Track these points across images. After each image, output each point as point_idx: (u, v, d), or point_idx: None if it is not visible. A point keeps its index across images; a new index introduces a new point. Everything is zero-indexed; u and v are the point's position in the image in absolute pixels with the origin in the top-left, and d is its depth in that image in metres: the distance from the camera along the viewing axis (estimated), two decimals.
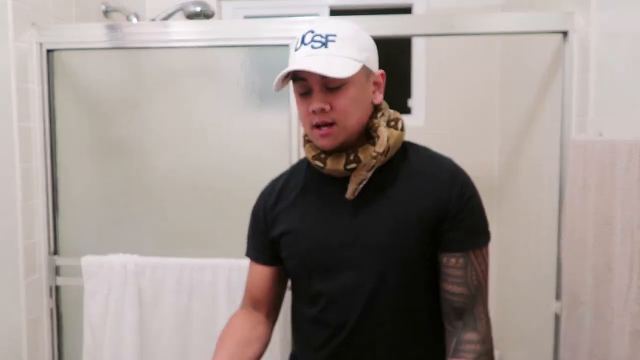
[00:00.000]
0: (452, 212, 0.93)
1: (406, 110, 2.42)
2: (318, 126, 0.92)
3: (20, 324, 1.57)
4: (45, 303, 1.66)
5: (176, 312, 1.58)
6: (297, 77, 0.91)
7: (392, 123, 0.98)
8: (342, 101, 0.90)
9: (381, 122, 0.96)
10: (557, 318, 1.49)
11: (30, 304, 1.59)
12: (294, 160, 1.53)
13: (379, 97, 0.98)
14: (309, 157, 0.99)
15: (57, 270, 1.66)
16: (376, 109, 0.98)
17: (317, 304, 0.99)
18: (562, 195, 1.49)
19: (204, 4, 1.94)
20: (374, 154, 0.93)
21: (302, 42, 0.92)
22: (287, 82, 0.94)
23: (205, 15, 1.95)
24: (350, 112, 0.91)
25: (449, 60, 2.31)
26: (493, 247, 2.35)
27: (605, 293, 1.13)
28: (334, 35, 0.90)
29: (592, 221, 1.19)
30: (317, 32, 0.91)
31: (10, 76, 1.52)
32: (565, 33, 1.47)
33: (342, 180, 0.95)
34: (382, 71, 0.98)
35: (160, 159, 1.72)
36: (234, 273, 1.55)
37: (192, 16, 1.94)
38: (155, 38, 1.61)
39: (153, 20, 1.97)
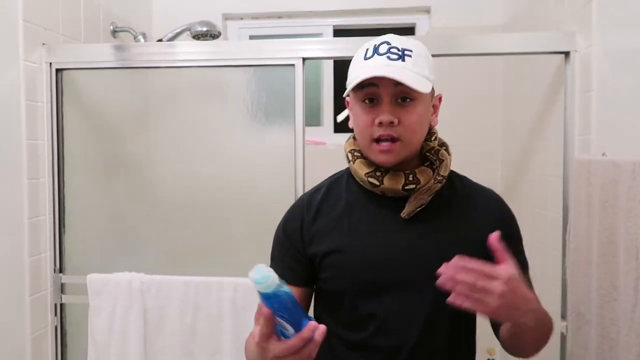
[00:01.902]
0: (510, 237, 0.90)
1: None
2: (379, 140, 0.90)
3: (25, 341, 1.57)
4: (50, 320, 1.66)
5: (181, 330, 1.58)
6: (366, 84, 0.89)
7: (444, 147, 0.99)
8: (411, 117, 0.89)
9: (436, 145, 0.98)
10: (563, 337, 1.48)
11: (35, 320, 1.60)
12: (299, 179, 1.54)
13: (435, 120, 0.98)
14: (361, 173, 0.95)
15: (62, 288, 1.67)
16: (429, 131, 0.98)
17: (365, 327, 0.92)
18: (566, 214, 1.49)
19: (210, 24, 1.98)
20: (439, 177, 0.93)
21: (376, 51, 0.90)
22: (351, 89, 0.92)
23: (212, 35, 1.98)
24: (416, 130, 0.91)
25: (451, 78, 2.32)
26: None
27: (610, 312, 1.12)
28: (410, 51, 0.90)
29: (596, 240, 1.19)
30: (393, 44, 0.90)
31: (20, 94, 1.54)
32: (567, 53, 1.49)
33: (394, 200, 0.93)
34: (440, 95, 0.98)
35: (166, 178, 1.73)
36: (239, 291, 1.55)
37: (198, 36, 1.98)
38: (162, 58, 1.64)
39: (160, 40, 2.00)
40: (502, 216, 0.99)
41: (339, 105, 2.48)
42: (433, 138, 0.98)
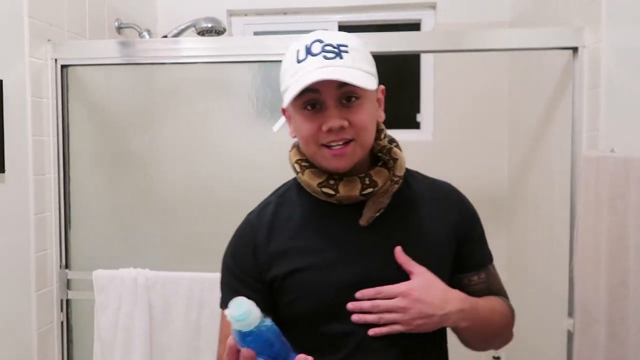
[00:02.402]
0: (468, 233, 0.93)
1: (415, 125, 2.43)
2: (329, 145, 0.83)
3: (31, 336, 1.57)
4: (55, 316, 1.66)
5: (186, 326, 1.58)
6: (306, 90, 0.80)
7: (394, 144, 0.92)
8: (361, 116, 0.83)
9: (386, 143, 0.91)
10: (570, 335, 1.47)
11: (41, 316, 1.60)
12: None
13: (382, 116, 0.91)
14: (313, 184, 0.87)
15: (68, 284, 1.67)
16: (377, 129, 0.90)
17: (342, 347, 0.85)
18: (573, 211, 1.48)
19: (215, 21, 1.97)
20: (396, 178, 0.87)
21: (309, 52, 0.82)
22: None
23: (217, 31, 1.97)
24: (368, 128, 0.84)
25: (457, 75, 2.32)
26: (502, 262, 2.33)
27: (620, 310, 1.12)
28: (346, 46, 0.82)
29: (605, 237, 1.18)
30: (326, 41, 0.82)
31: (26, 91, 1.54)
32: (575, 49, 1.48)
33: (348, 207, 0.87)
34: (382, 87, 0.91)
35: (171, 173, 1.73)
36: None
37: (203, 32, 1.97)
38: (167, 54, 1.64)
39: (165, 36, 1.99)
40: (461, 211, 0.94)
41: None
42: (382, 136, 0.90)
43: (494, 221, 2.34)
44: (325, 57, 0.80)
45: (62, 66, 1.65)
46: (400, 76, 2.48)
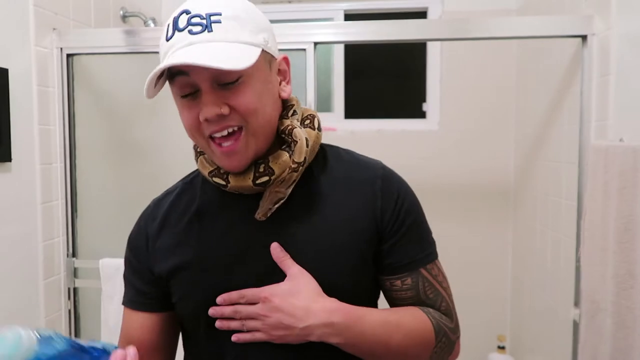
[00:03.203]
0: (390, 227, 0.76)
1: (421, 114, 2.42)
2: (214, 138, 0.70)
3: (38, 324, 1.58)
4: (63, 304, 1.68)
5: None
6: (176, 73, 0.68)
7: (307, 122, 0.79)
8: (246, 98, 0.68)
9: (294, 121, 0.77)
10: (576, 325, 1.47)
11: (48, 304, 1.61)
12: None
13: (287, 90, 0.77)
14: (205, 173, 0.77)
15: (75, 272, 1.68)
16: (284, 105, 0.78)
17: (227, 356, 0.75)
18: (580, 201, 1.47)
19: None
20: (294, 165, 0.73)
21: (176, 27, 0.68)
22: (163, 84, 0.72)
23: None
24: (258, 110, 0.69)
25: (464, 64, 2.30)
26: (508, 252, 2.33)
27: (627, 300, 1.11)
28: (218, 15, 0.67)
29: (613, 227, 1.17)
30: (193, 12, 0.67)
31: (32, 80, 1.54)
32: (584, 37, 1.46)
33: (252, 198, 0.75)
34: (284, 55, 0.77)
35: (177, 162, 1.73)
36: None
37: None
38: None
39: None
40: (386, 197, 0.76)
41: (350, 90, 2.46)
42: (291, 113, 0.77)
43: (501, 210, 2.35)
44: (191, 32, 0.66)
45: (68, 55, 1.64)
46: (406, 65, 2.47)
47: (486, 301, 2.28)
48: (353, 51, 2.42)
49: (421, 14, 2.40)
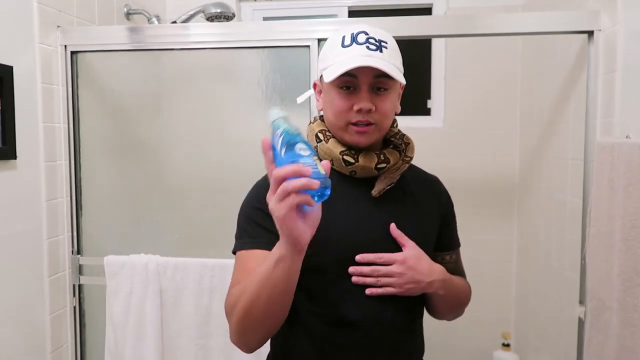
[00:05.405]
0: (449, 217, 1.10)
1: (426, 111, 2.41)
2: (355, 124, 0.95)
3: (44, 321, 1.60)
4: (68, 301, 1.69)
5: (196, 311, 1.60)
6: (345, 73, 0.91)
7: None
8: (386, 105, 0.95)
9: (398, 130, 1.05)
10: (581, 323, 1.47)
11: (54, 301, 1.62)
12: None
13: (399, 107, 1.03)
14: (336, 151, 0.98)
15: (80, 269, 1.69)
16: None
17: (345, 304, 0.95)
18: (586, 198, 1.46)
19: (224, 6, 1.96)
20: (407, 158, 1.01)
21: (354, 40, 0.93)
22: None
23: (226, 17, 1.96)
24: (388, 116, 0.97)
25: (469, 60, 2.29)
26: (513, 249, 2.31)
27: (633, 298, 1.10)
28: (386, 43, 0.94)
29: (619, 224, 1.17)
30: (370, 35, 0.94)
31: (36, 77, 1.55)
32: (590, 33, 1.45)
33: (363, 181, 0.99)
34: (404, 83, 1.00)
35: (182, 160, 1.73)
36: None
37: (212, 18, 1.95)
38: (176, 40, 1.63)
39: (174, 22, 1.98)
40: (445, 197, 1.10)
41: None
42: (395, 124, 1.05)
43: (505, 207, 2.34)
44: (369, 48, 0.92)
45: (72, 52, 1.65)
46: (411, 62, 2.44)
47: (491, 298, 2.27)
48: None
49: (426, 10, 2.39)
